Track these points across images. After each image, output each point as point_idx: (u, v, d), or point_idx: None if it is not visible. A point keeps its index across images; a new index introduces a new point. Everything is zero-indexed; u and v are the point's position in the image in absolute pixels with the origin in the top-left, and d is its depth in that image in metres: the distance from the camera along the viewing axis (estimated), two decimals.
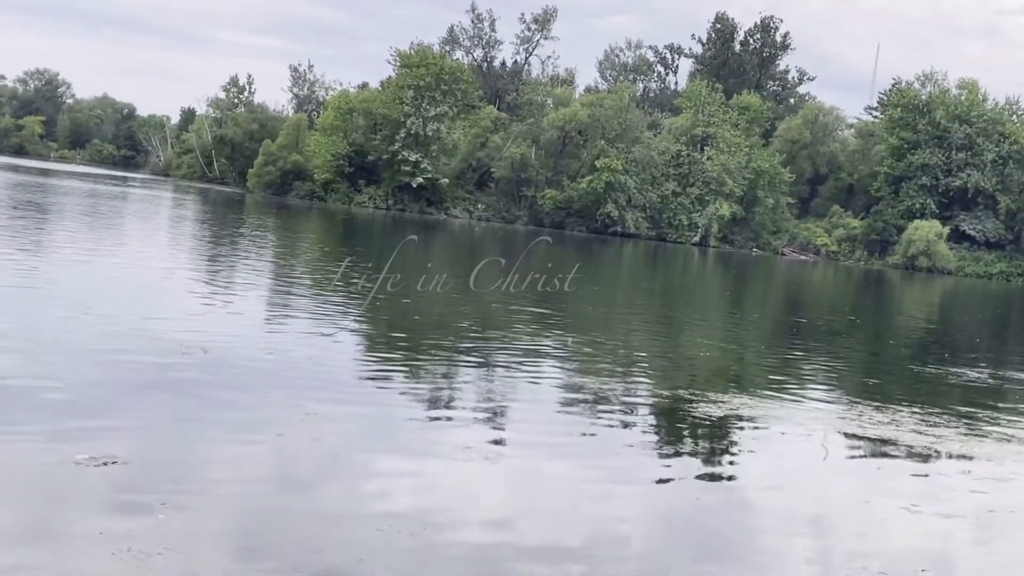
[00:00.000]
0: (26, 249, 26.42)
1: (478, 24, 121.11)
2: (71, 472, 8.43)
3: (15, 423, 9.67)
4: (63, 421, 9.94)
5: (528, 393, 14.35)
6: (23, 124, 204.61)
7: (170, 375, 12.58)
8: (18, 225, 34.14)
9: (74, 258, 25.50)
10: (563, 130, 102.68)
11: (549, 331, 21.63)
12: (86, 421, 10.07)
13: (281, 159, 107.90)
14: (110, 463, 8.71)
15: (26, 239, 29.55)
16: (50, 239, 30.60)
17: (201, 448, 9.83)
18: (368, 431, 11.21)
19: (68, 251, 27.22)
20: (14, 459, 8.74)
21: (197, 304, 19.81)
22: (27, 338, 13.81)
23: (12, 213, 38.51)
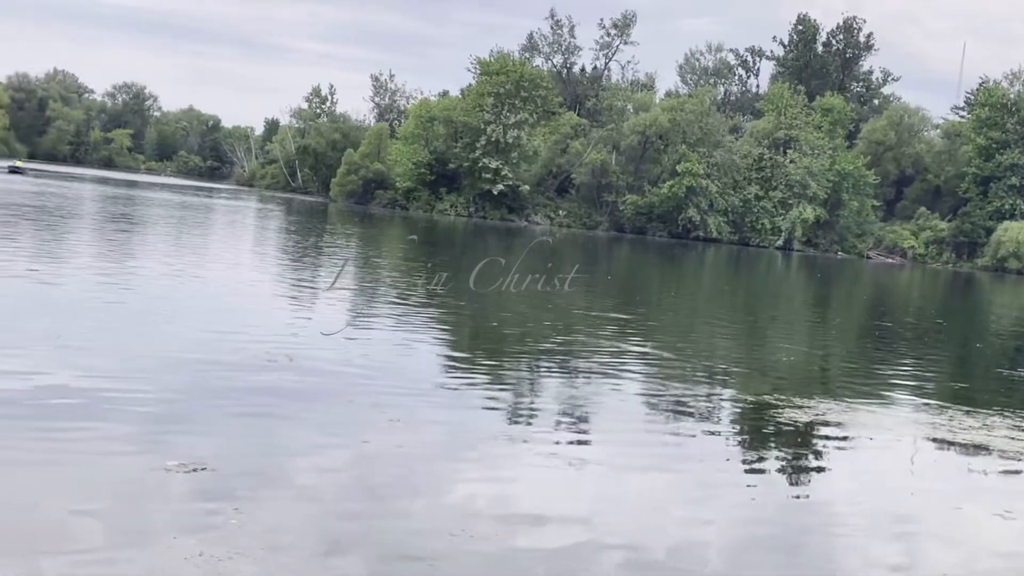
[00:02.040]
0: (117, 260, 27.04)
1: (557, 30, 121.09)
2: (161, 478, 8.60)
3: (109, 431, 9.91)
4: (154, 428, 10.16)
5: (611, 399, 14.30)
6: (112, 137, 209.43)
7: (257, 383, 12.77)
8: (109, 237, 34.97)
9: (162, 268, 26.03)
10: (643, 135, 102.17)
11: (630, 337, 21.54)
12: (176, 428, 10.27)
13: (363, 168, 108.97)
14: (199, 469, 8.87)
15: (117, 251, 30.26)
16: (139, 250, 31.29)
17: (286, 455, 9.96)
18: (451, 438, 11.26)
19: (157, 262, 27.79)
20: (108, 466, 8.95)
21: (283, 312, 20.10)
22: (117, 347, 14.12)
23: (104, 226, 39.45)
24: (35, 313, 16.05)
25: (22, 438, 9.38)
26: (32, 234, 32.03)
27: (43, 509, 7.78)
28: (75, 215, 44.39)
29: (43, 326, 14.80)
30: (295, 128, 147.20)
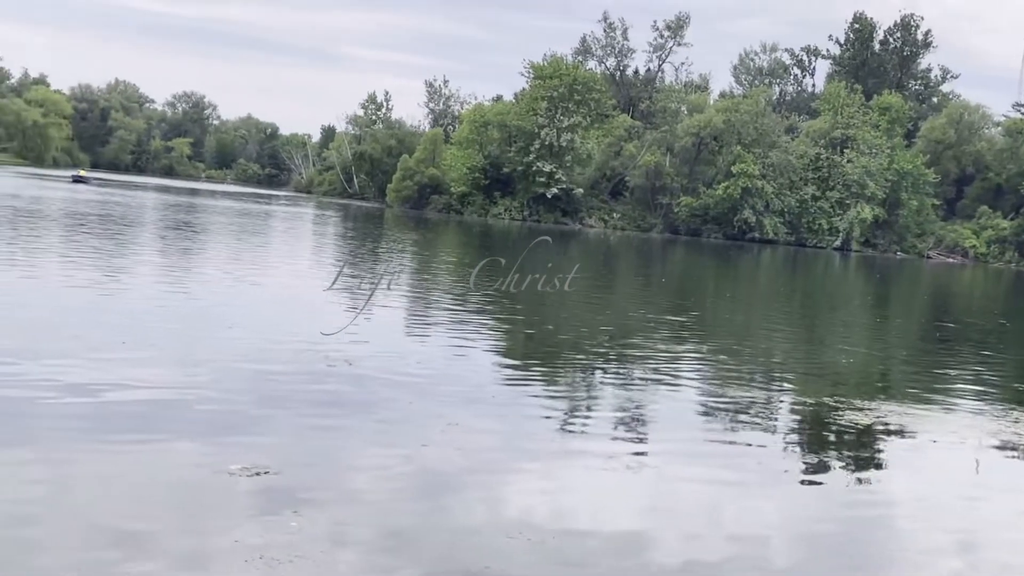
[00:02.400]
0: (179, 268, 27.44)
1: (610, 33, 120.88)
2: (224, 482, 8.74)
3: (174, 435, 10.08)
4: (217, 433, 10.32)
5: (667, 403, 14.27)
6: (172, 146, 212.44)
7: (317, 388, 12.91)
8: (172, 245, 35.50)
9: (223, 275, 26.37)
10: (698, 136, 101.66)
11: (686, 340, 21.46)
12: (238, 433, 10.42)
13: (418, 173, 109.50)
14: (261, 473, 9.00)
15: (179, 258, 30.71)
16: (201, 258, 31.72)
17: (346, 459, 10.06)
18: (508, 441, 11.30)
19: (218, 269, 28.16)
20: (172, 470, 9.11)
21: (341, 318, 20.28)
22: (181, 354, 14.35)
23: (166, 234, 40.05)
24: (100, 321, 16.35)
25: (88, 443, 9.57)
26: (97, 243, 32.57)
27: (108, 512, 7.94)
28: (138, 223, 45.09)
29: (108, 333, 15.07)
30: (351, 135, 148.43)
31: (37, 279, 21.64)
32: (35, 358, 12.82)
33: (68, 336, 14.65)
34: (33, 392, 11.10)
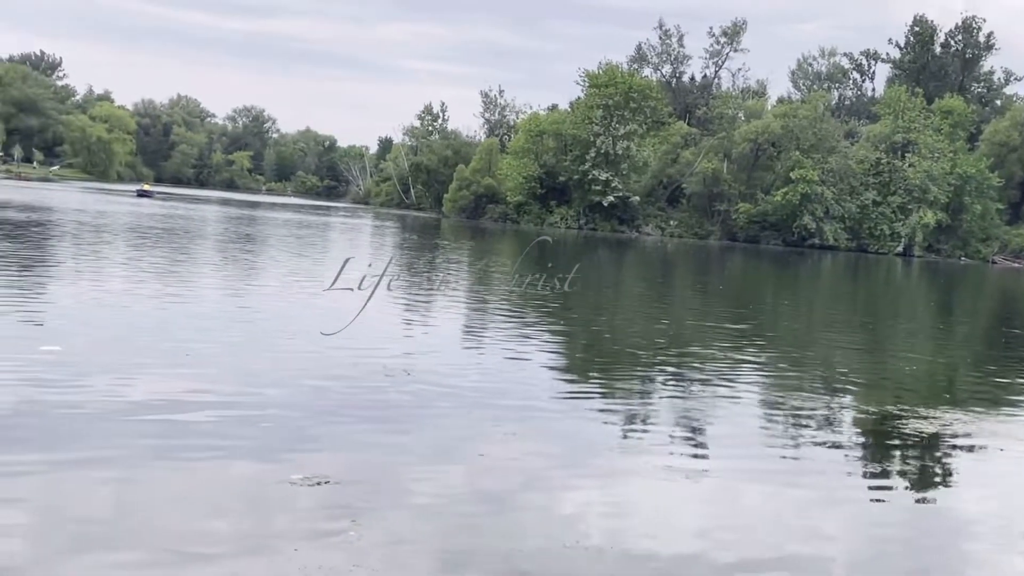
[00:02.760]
0: (241, 279, 27.76)
1: (666, 40, 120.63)
2: (286, 492, 8.82)
3: (237, 446, 10.19)
4: (279, 443, 10.41)
5: (727, 411, 14.16)
6: (233, 159, 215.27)
7: (375, 396, 12.99)
8: (234, 257, 35.92)
9: (284, 286, 26.62)
10: (756, 142, 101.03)
11: (745, 347, 21.29)
12: (300, 443, 10.51)
13: (474, 183, 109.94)
14: (322, 483, 9.07)
15: (241, 270, 31.06)
16: (262, 269, 32.06)
17: (405, 469, 10.09)
18: (567, 450, 11.27)
19: (279, 280, 28.44)
20: (234, 479, 9.21)
21: (399, 327, 20.39)
22: (243, 364, 14.52)
23: (228, 246, 40.54)
24: (165, 334, 16.57)
25: (153, 455, 9.70)
26: (161, 256, 33.06)
27: (173, 522, 8.04)
28: (201, 236, 45.71)
29: (173, 346, 15.28)
30: (408, 146, 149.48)
31: (103, 292, 21.99)
32: (101, 371, 13.02)
33: (134, 349, 14.87)
34: (99, 405, 11.28)
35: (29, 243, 33.87)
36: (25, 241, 34.38)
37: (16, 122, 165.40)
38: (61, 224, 44.89)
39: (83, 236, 39.51)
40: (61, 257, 30.58)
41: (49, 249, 33.05)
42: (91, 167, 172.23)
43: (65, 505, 8.22)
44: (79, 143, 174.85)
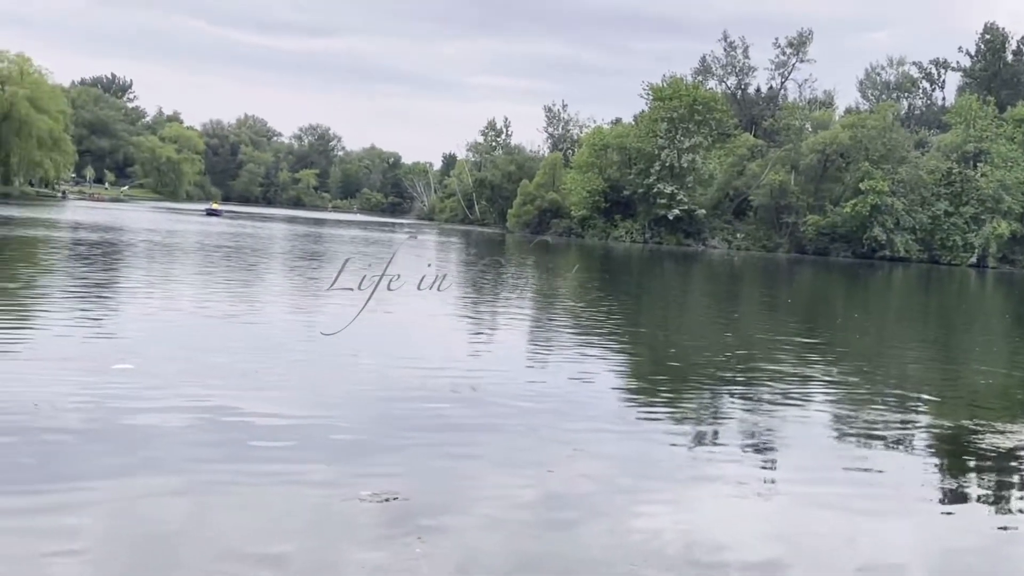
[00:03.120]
0: (308, 297, 28.03)
1: (731, 52, 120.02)
2: (354, 508, 8.85)
3: (306, 462, 10.25)
4: (348, 459, 10.47)
5: (797, 427, 13.97)
6: (299, 178, 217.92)
7: (442, 413, 13.00)
8: (301, 275, 36.29)
9: (349, 303, 26.78)
10: (823, 154, 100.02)
11: (814, 362, 21.01)
12: (369, 458, 10.56)
13: (538, 198, 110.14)
14: (391, 499, 9.09)
15: (308, 288, 31.36)
16: (319, 284, 32.29)
17: (473, 484, 10.09)
18: (635, 467, 11.19)
19: (344, 297, 28.62)
20: (303, 496, 9.26)
21: (464, 343, 20.44)
22: (310, 382, 14.63)
23: (295, 264, 40.98)
24: (234, 350, 16.77)
25: (224, 469, 9.80)
26: (230, 274, 33.50)
27: (244, 536, 8.11)
28: (269, 254, 46.24)
29: (241, 362, 15.45)
30: (472, 162, 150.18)
31: (175, 311, 22.33)
32: (172, 389, 13.20)
33: (203, 367, 15.06)
34: (171, 420, 11.43)
35: (102, 263, 34.51)
36: (98, 261, 35.04)
37: (88, 144, 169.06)
38: (133, 244, 45.70)
39: (154, 255, 40.19)
40: (133, 276, 31.11)
41: (122, 268, 33.65)
42: (161, 187, 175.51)
43: (133, 524, 8.32)
44: (149, 163, 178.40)
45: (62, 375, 13.45)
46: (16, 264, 32.49)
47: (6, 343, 15.90)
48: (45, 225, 56.67)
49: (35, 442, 10.20)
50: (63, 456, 9.86)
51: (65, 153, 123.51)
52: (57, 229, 54.67)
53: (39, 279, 27.91)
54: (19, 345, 15.97)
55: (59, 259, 35.48)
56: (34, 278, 28.13)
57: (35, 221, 59.30)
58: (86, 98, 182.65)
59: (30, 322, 19.01)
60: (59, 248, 40.95)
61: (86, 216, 74.09)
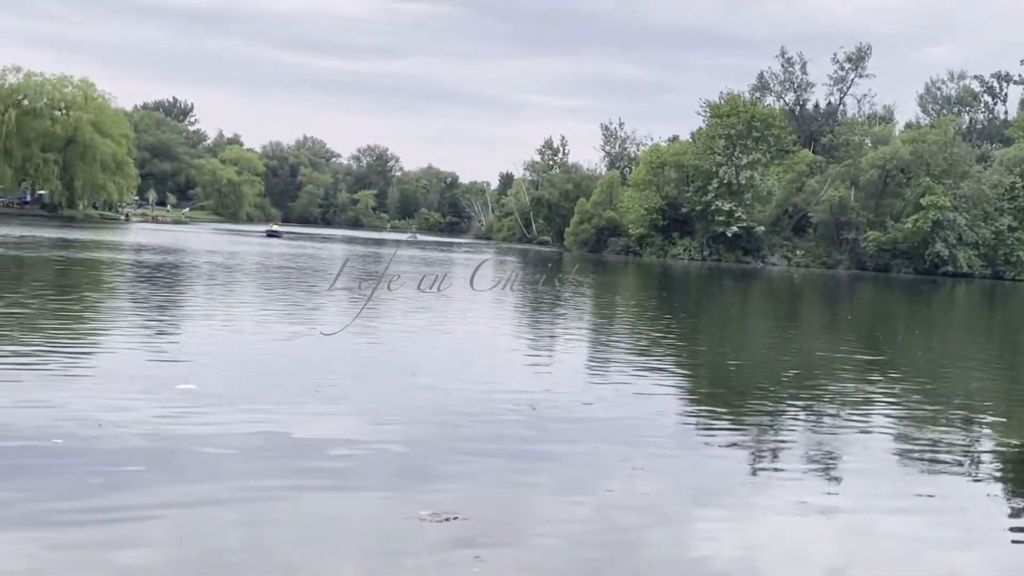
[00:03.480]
0: (368, 316, 28.21)
1: (788, 68, 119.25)
2: (413, 528, 8.87)
3: (365, 481, 10.31)
4: (407, 479, 10.50)
5: (859, 445, 13.79)
6: (358, 198, 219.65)
7: (502, 432, 13.01)
8: (360, 295, 36.53)
9: (409, 322, 26.93)
10: (884, 169, 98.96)
11: (876, 379, 20.74)
12: (428, 479, 10.59)
13: (596, 216, 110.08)
14: (451, 519, 9.10)
15: (368, 307, 31.57)
16: (388, 306, 32.50)
17: (532, 504, 10.08)
18: (696, 485, 11.11)
19: (404, 316, 28.79)
20: (363, 516, 9.31)
21: (523, 361, 20.45)
22: (370, 401, 14.71)
23: (355, 284, 41.26)
24: (295, 370, 16.92)
25: (279, 489, 9.88)
26: (292, 294, 33.83)
27: (303, 557, 8.15)
28: (329, 274, 46.62)
29: (301, 382, 15.58)
30: (529, 181, 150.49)
31: (236, 331, 22.60)
32: (234, 406, 13.35)
33: (265, 385, 15.22)
34: (231, 438, 11.55)
35: (165, 284, 35.03)
36: (161, 282, 35.56)
37: (151, 167, 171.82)
38: (195, 265, 46.34)
39: (216, 276, 40.71)
40: (195, 297, 31.54)
41: (184, 290, 34.14)
42: (222, 208, 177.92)
43: (194, 542, 8.40)
44: (210, 186, 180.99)
45: (126, 395, 13.66)
46: (82, 286, 33.08)
47: (72, 364, 16.19)
48: (109, 247, 57.67)
49: (99, 461, 10.36)
50: (126, 474, 10.00)
51: (128, 176, 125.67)
52: (121, 251, 55.60)
53: (104, 301, 28.41)
54: (85, 365, 16.26)
55: (123, 281, 36.07)
56: (99, 300, 28.63)
57: (99, 243, 60.36)
58: (148, 122, 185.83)
59: (96, 343, 19.34)
60: (123, 270, 41.64)
61: (149, 238, 75.27)
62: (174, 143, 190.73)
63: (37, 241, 57.05)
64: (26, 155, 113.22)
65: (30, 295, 27.31)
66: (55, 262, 42.40)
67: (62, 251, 49.81)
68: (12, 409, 12.32)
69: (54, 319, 21.89)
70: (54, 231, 73.86)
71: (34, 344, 17.86)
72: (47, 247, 52.15)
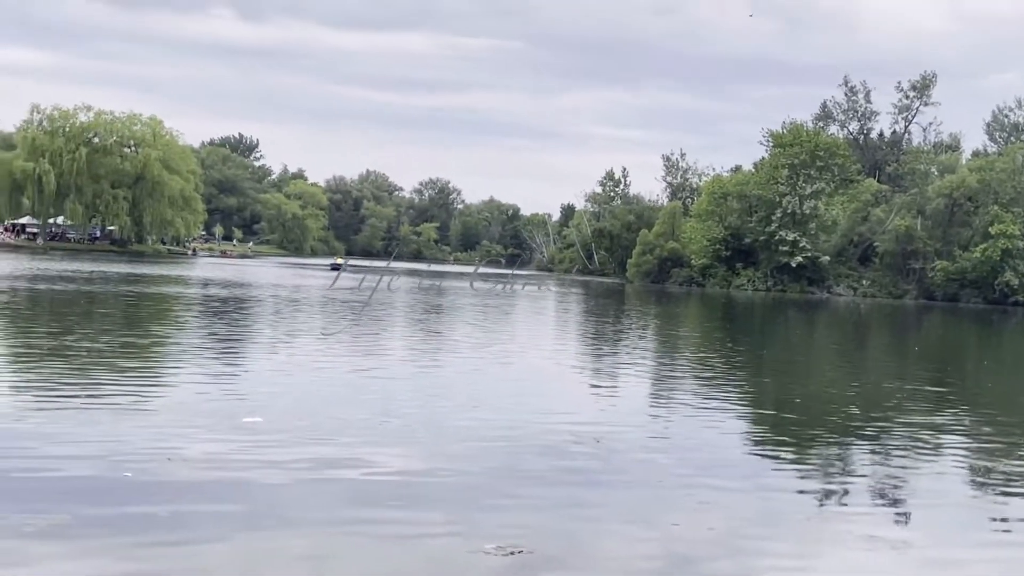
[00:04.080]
0: (432, 349, 28.34)
1: (852, 97, 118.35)
2: (479, 561, 8.86)
3: (430, 513, 10.33)
4: (471, 511, 10.50)
5: (930, 478, 13.55)
6: (420, 231, 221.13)
7: (566, 465, 12.96)
8: (425, 326, 36.73)
9: (473, 354, 26.99)
10: (951, 198, 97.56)
11: (945, 410, 20.38)
12: (492, 511, 10.57)
13: (658, 247, 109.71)
14: (516, 552, 9.08)
15: (432, 339, 31.72)
16: (451, 337, 32.64)
17: (598, 537, 10.02)
18: (763, 519, 10.98)
19: (468, 347, 28.88)
20: (428, 548, 9.32)
21: (587, 393, 20.39)
22: (434, 432, 14.72)
23: (420, 317, 41.51)
24: (358, 403, 17.02)
25: (343, 523, 9.92)
26: (355, 327, 34.07)
27: None
28: (393, 307, 46.92)
29: (365, 415, 15.66)
30: (590, 212, 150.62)
31: (301, 364, 22.79)
32: (299, 439, 13.45)
33: (330, 417, 15.31)
34: (296, 472, 11.64)
35: (232, 318, 35.47)
36: (228, 316, 36.03)
37: (217, 202, 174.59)
38: (261, 300, 46.89)
39: (281, 310, 41.15)
40: (262, 331, 31.89)
41: (251, 324, 34.55)
42: (286, 242, 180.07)
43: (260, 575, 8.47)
44: (275, 220, 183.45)
45: (194, 428, 13.83)
46: (151, 321, 33.62)
47: (141, 397, 16.44)
48: (176, 282, 58.59)
49: (166, 494, 10.49)
50: (192, 508, 10.11)
51: (195, 212, 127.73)
52: (188, 286, 56.45)
53: (173, 335, 28.84)
54: (154, 399, 16.50)
55: (191, 315, 36.60)
56: (169, 334, 29.08)
57: (167, 278, 61.36)
58: (215, 158, 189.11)
59: (164, 377, 19.63)
60: (190, 304, 42.26)
61: (215, 272, 76.34)
62: (240, 178, 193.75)
63: (107, 276, 58.12)
64: (96, 191, 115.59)
65: (101, 330, 27.80)
66: (125, 297, 43.16)
67: (131, 286, 50.71)
68: (84, 443, 12.53)
69: (124, 353, 22.26)
70: (123, 266, 75.21)
71: (105, 378, 18.16)
72: (116, 282, 53.11)
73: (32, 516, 9.36)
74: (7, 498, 9.97)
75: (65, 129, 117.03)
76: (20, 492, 10.28)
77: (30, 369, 19.15)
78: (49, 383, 17.15)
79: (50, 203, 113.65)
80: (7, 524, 9.12)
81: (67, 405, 15.14)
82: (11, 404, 15.10)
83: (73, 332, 25.97)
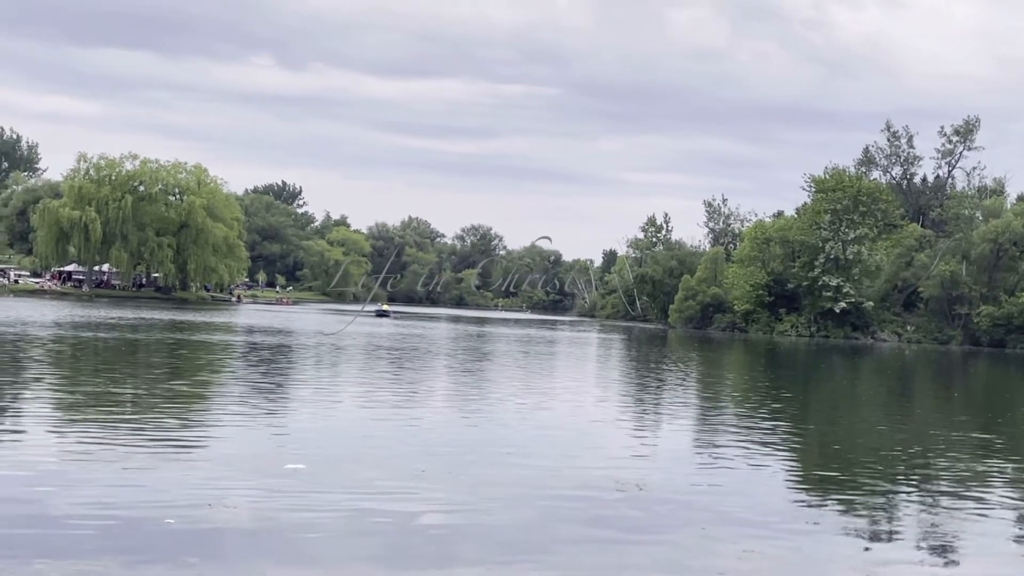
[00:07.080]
0: (473, 396, 28.38)
1: (894, 142, 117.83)
2: None
3: (470, 563, 10.30)
4: (512, 560, 10.46)
5: (977, 525, 13.36)
6: (462, 277, 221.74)
7: (608, 512, 12.90)
8: (468, 374, 36.78)
9: (514, 401, 26.98)
10: (996, 243, 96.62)
11: (992, 457, 20.10)
12: (533, 559, 10.53)
13: (700, 293, 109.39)
14: None
15: (472, 386, 31.76)
16: (492, 385, 32.67)
17: None
18: (809, 568, 10.87)
19: (509, 394, 28.88)
20: None
21: (628, 440, 20.30)
22: (474, 481, 14.70)
23: (462, 363, 41.59)
24: (400, 450, 17.05)
25: (384, 570, 9.94)
26: (400, 374, 34.20)
27: None
28: (437, 354, 47.05)
29: (406, 462, 15.69)
30: (632, 258, 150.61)
31: (344, 411, 22.91)
32: (341, 487, 13.50)
33: (371, 465, 15.35)
34: (337, 520, 11.68)
35: (276, 365, 35.70)
36: (273, 363, 36.26)
37: (260, 249, 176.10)
38: (305, 346, 47.17)
39: (324, 357, 41.36)
40: (306, 377, 32.06)
41: (295, 370, 34.74)
42: (329, 288, 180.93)
43: None
44: (318, 267, 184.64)
45: (237, 474, 13.93)
46: (195, 367, 33.91)
47: (186, 444, 16.58)
48: (220, 329, 59.07)
49: (206, 541, 10.56)
50: (231, 555, 10.18)
51: (239, 259, 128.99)
52: (232, 332, 56.90)
53: (216, 381, 29.06)
54: (198, 446, 16.63)
55: (235, 361, 36.87)
56: (212, 381, 29.30)
57: (211, 325, 61.87)
58: (258, 205, 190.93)
59: (208, 423, 19.76)
60: (234, 351, 42.58)
61: (258, 319, 76.91)
62: (283, 225, 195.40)
63: (151, 323, 58.72)
64: (141, 239, 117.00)
65: (145, 376, 28.08)
66: (169, 344, 43.59)
67: (175, 333, 51.19)
68: (127, 488, 12.65)
69: (168, 400, 22.46)
70: (168, 313, 75.98)
71: (149, 425, 18.32)
72: (161, 329, 53.64)
73: (75, 562, 9.44)
74: (50, 544, 10.07)
75: (111, 177, 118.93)
76: (65, 539, 10.38)
77: (75, 416, 19.36)
78: (94, 429, 17.33)
79: (96, 251, 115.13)
80: (48, 570, 9.20)
81: (111, 452, 15.29)
82: (56, 450, 15.29)
83: (117, 379, 26.24)
